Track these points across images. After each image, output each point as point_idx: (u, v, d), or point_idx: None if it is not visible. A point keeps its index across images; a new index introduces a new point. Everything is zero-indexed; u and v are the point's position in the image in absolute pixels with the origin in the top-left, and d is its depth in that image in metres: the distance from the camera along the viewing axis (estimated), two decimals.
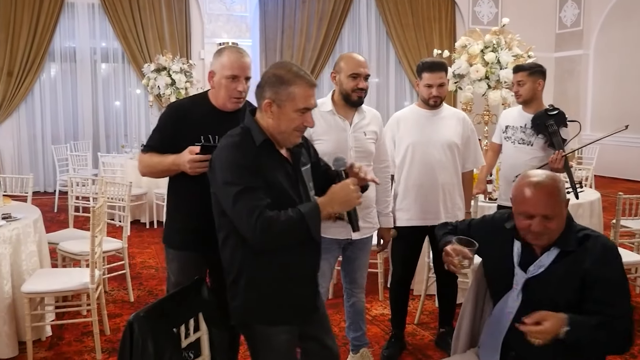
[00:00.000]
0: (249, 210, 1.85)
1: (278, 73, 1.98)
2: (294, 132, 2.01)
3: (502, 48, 5.02)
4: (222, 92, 2.50)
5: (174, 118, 2.56)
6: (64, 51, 9.57)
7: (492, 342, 2.12)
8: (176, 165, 2.46)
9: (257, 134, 2.00)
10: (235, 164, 1.92)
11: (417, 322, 4.02)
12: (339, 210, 1.98)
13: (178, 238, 2.66)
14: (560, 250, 2.04)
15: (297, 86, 1.96)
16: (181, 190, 2.60)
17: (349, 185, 1.97)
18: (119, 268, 4.61)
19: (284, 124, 1.98)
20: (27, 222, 3.68)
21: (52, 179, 9.33)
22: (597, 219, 4.51)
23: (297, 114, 1.97)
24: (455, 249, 2.09)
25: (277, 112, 1.98)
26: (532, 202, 1.98)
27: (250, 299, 2.01)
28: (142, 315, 1.66)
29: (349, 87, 2.92)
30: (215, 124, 2.50)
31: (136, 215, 7.22)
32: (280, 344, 2.05)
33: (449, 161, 3.33)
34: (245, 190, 1.87)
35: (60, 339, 3.74)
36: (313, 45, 10.61)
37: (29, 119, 9.47)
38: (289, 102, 1.96)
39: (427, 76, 3.30)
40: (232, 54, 2.49)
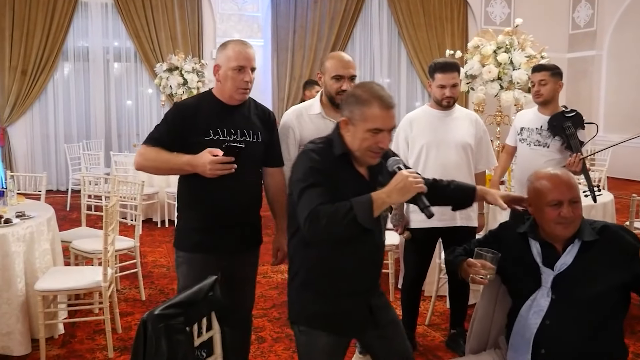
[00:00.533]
0: (307, 202, 1.91)
1: (356, 93, 2.03)
2: (368, 152, 2.02)
3: (515, 48, 5.00)
4: (228, 84, 2.50)
5: (183, 114, 2.51)
6: (77, 50, 9.64)
7: (522, 342, 2.12)
8: (191, 166, 2.40)
9: (337, 146, 2.06)
10: (310, 165, 1.99)
11: (428, 323, 4.01)
12: (399, 199, 1.94)
13: (190, 239, 2.60)
14: (582, 243, 2.07)
15: (371, 106, 1.98)
16: (196, 189, 2.53)
17: (403, 173, 1.93)
18: (130, 267, 4.64)
19: (357, 142, 2.01)
20: (40, 220, 3.71)
21: (64, 177, 9.41)
22: (610, 220, 4.48)
23: (369, 134, 1.99)
24: (483, 263, 2.10)
25: (352, 130, 2.02)
26: (559, 190, 2.05)
27: (300, 299, 2.11)
28: (156, 313, 1.66)
29: (332, 89, 2.84)
30: (222, 117, 2.52)
31: (148, 214, 7.26)
32: (325, 349, 2.10)
33: (463, 162, 3.32)
34: (310, 185, 1.94)
35: (73, 336, 3.76)
36: (325, 45, 10.61)
37: (42, 117, 9.55)
38: (362, 122, 1.99)
39: (440, 77, 3.29)
40: (236, 46, 2.50)
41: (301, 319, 2.12)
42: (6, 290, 3.35)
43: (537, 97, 3.78)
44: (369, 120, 1.97)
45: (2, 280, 3.34)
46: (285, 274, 5.13)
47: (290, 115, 2.97)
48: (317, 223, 1.88)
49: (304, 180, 1.95)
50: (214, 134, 2.48)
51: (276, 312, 4.21)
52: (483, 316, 2.34)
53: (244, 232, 2.66)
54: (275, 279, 5.00)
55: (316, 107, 2.94)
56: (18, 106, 9.19)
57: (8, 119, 9.18)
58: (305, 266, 2.08)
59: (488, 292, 2.34)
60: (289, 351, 3.57)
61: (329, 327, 2.09)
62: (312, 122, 2.90)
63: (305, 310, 2.11)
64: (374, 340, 2.23)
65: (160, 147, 2.46)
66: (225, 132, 2.50)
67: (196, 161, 2.38)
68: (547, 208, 2.06)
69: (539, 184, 2.10)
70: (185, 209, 2.64)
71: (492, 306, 2.34)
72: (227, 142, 2.46)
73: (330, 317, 2.08)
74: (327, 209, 1.88)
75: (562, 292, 2.06)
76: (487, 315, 2.34)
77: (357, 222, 1.87)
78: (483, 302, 2.36)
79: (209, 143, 2.44)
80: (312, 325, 2.10)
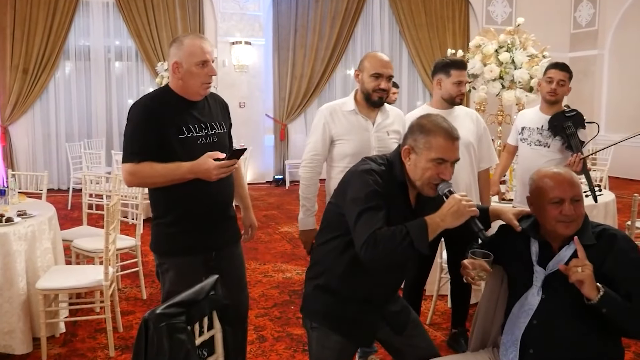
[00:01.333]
0: (366, 226, 1.93)
1: (421, 122, 2.06)
2: (428, 183, 2.04)
3: (517, 48, 4.99)
4: (193, 80, 2.43)
5: (150, 117, 2.40)
6: (79, 49, 9.64)
7: (511, 339, 2.13)
8: (194, 174, 2.35)
9: (399, 173, 2.09)
10: (370, 186, 2.00)
11: (429, 323, 4.01)
12: (452, 223, 1.96)
13: (176, 244, 2.49)
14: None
15: (436, 136, 2.00)
16: (178, 192, 2.42)
17: (456, 197, 1.97)
18: (131, 266, 4.64)
19: (419, 172, 2.03)
20: (42, 219, 3.71)
21: (65, 176, 9.42)
22: (612, 220, 4.47)
23: (431, 164, 2.00)
24: (472, 263, 2.11)
25: (414, 159, 2.04)
26: (560, 187, 2.04)
27: (318, 298, 2.17)
28: (158, 312, 1.66)
29: (370, 86, 2.91)
30: (190, 113, 2.47)
31: (148, 212, 7.20)
32: (335, 347, 2.16)
33: (466, 161, 3.32)
34: (369, 208, 1.96)
35: (74, 335, 3.76)
36: (326, 44, 10.60)
37: (44, 116, 9.56)
38: (426, 151, 2.01)
39: (457, 73, 3.27)
40: (196, 40, 2.44)
41: (316, 316, 2.18)
42: (7, 289, 3.35)
43: (552, 96, 3.72)
44: (433, 149, 2.00)
45: (4, 279, 3.34)
46: (285, 273, 5.14)
47: (324, 111, 3.04)
48: (375, 248, 1.90)
49: (366, 202, 1.96)
50: (187, 131, 2.43)
51: (277, 312, 4.21)
52: (485, 315, 2.35)
53: (229, 224, 2.66)
54: (276, 278, 5.00)
55: (350, 104, 3.00)
56: (19, 105, 9.20)
57: (9, 118, 9.18)
58: (332, 272, 2.13)
59: (490, 291, 2.35)
60: (290, 350, 3.57)
61: (340, 330, 2.15)
62: (345, 118, 2.95)
63: (321, 309, 2.16)
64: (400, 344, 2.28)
65: (148, 161, 2.37)
66: (197, 128, 2.46)
67: (199, 168, 2.34)
68: (548, 206, 2.05)
69: (541, 182, 2.09)
70: (165, 213, 2.51)
71: (494, 305, 2.34)
72: (201, 137, 2.46)
73: (345, 323, 2.15)
74: (384, 234, 1.91)
75: (552, 292, 2.06)
76: (488, 313, 2.35)
77: (413, 248, 1.90)
78: (485, 301, 2.36)
79: (183, 140, 2.41)
80: (326, 324, 2.15)
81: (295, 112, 10.69)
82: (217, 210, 2.56)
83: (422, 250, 1.92)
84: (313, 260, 2.25)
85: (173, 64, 2.43)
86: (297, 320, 3.98)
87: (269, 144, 10.71)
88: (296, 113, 10.71)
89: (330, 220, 2.17)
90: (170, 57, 2.47)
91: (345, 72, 11.18)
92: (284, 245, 6.15)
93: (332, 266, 2.14)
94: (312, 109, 10.85)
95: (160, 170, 2.36)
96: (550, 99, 3.75)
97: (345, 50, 10.89)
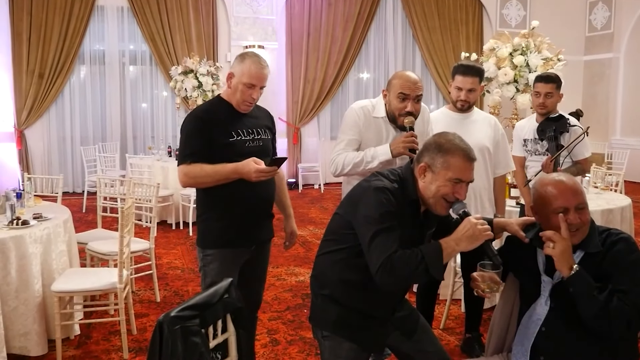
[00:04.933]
0: (382, 249, 1.93)
1: (439, 141, 2.05)
2: (441, 200, 2.04)
3: (532, 51, 4.97)
4: (237, 95, 2.67)
5: (205, 122, 2.64)
6: (94, 54, 9.73)
7: (522, 350, 2.13)
8: (237, 174, 2.55)
9: (411, 191, 2.08)
10: (385, 206, 1.99)
11: (443, 327, 3.99)
12: (468, 247, 1.97)
13: (222, 236, 2.71)
14: (585, 253, 2.03)
15: (454, 156, 2.01)
16: (223, 190, 2.63)
17: (471, 220, 1.97)
18: (145, 268, 4.66)
19: (434, 189, 2.03)
20: (57, 222, 3.74)
21: (80, 179, 9.49)
22: (628, 225, 4.42)
23: (448, 183, 2.01)
24: (482, 275, 2.10)
25: (430, 177, 2.04)
26: (564, 196, 2.01)
27: (327, 308, 2.15)
28: (172, 315, 1.67)
29: (396, 108, 2.77)
30: (239, 119, 2.71)
31: (162, 216, 7.29)
32: (349, 353, 2.15)
33: (481, 165, 3.29)
34: (384, 230, 1.95)
35: (88, 337, 3.79)
36: (339, 47, 10.61)
37: (59, 120, 9.64)
38: (444, 170, 2.01)
39: (459, 79, 3.29)
40: (254, 64, 2.65)
41: (326, 325, 2.17)
42: (23, 291, 3.38)
43: (542, 109, 3.78)
44: (451, 169, 2.00)
45: (20, 281, 3.37)
46: (298, 276, 5.14)
47: (359, 112, 2.92)
48: (390, 274, 1.91)
49: (380, 223, 1.95)
50: (237, 135, 2.67)
51: (290, 315, 4.21)
52: (501, 319, 2.34)
53: (267, 222, 2.88)
54: (289, 282, 5.00)
55: (381, 111, 2.89)
56: (35, 109, 9.29)
57: (25, 122, 9.28)
58: (341, 284, 2.13)
59: (505, 298, 2.33)
60: (303, 354, 3.56)
61: (352, 338, 2.15)
62: (375, 124, 2.88)
63: (331, 318, 2.15)
64: (409, 349, 2.28)
65: (199, 162, 2.60)
66: (245, 132, 2.70)
67: (242, 169, 2.54)
68: (553, 215, 2.02)
69: (544, 191, 2.05)
70: (212, 209, 2.74)
71: (509, 311, 2.33)
72: (248, 141, 2.70)
73: (355, 331, 2.14)
74: (400, 259, 1.91)
75: (560, 302, 2.04)
76: (504, 319, 2.33)
77: (427, 273, 1.92)
78: (500, 307, 2.35)
79: (233, 143, 2.65)
80: (337, 332, 2.15)
81: (308, 115, 10.70)
82: (259, 208, 2.80)
83: (436, 276, 1.94)
84: (317, 270, 2.22)
85: (229, 73, 2.70)
86: None
87: (281, 147, 10.72)
88: (309, 117, 10.72)
89: (336, 232, 2.15)
90: (231, 66, 2.73)
91: (358, 75, 11.18)
92: (297, 249, 6.15)
93: (336, 278, 2.13)
94: (325, 112, 10.84)
95: (208, 170, 2.59)
96: (541, 111, 3.82)
97: (358, 54, 10.89)
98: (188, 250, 6.09)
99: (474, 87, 3.28)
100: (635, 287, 1.91)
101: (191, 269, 5.38)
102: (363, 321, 2.15)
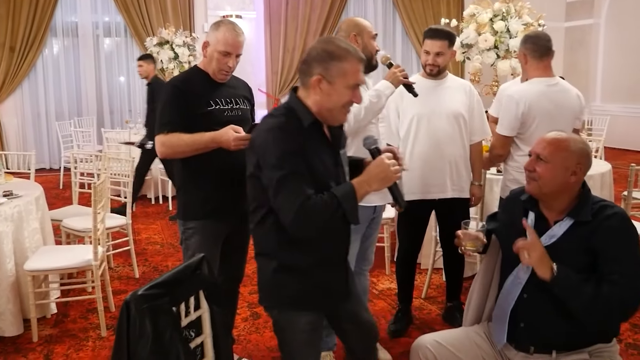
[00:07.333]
0: (291, 198, 1.80)
1: (328, 49, 1.91)
2: (342, 109, 1.95)
3: (512, 16, 4.88)
4: (213, 63, 2.64)
5: (182, 91, 2.60)
6: (66, 26, 9.47)
7: (501, 314, 2.11)
8: (216, 143, 2.51)
9: (304, 115, 1.93)
10: (282, 147, 1.84)
11: (425, 297, 3.98)
12: (378, 188, 1.90)
13: (203, 207, 2.68)
14: (574, 221, 2.01)
15: (349, 62, 1.90)
16: (201, 160, 2.60)
17: (384, 160, 1.88)
18: (123, 244, 4.58)
19: (334, 100, 1.92)
20: (28, 199, 3.64)
21: (57, 155, 9.31)
22: (608, 190, 4.43)
23: (347, 90, 1.91)
24: (466, 233, 2.09)
25: (327, 88, 1.91)
26: (539, 143, 2.07)
27: (279, 282, 1.99)
28: (140, 294, 1.61)
29: (373, 48, 2.81)
30: (216, 89, 2.68)
31: (142, 190, 7.19)
32: (306, 328, 2.03)
33: (456, 132, 3.24)
34: (289, 176, 1.82)
35: (66, 316, 3.72)
36: (318, 15, 10.43)
37: (32, 95, 9.42)
38: (341, 78, 1.90)
39: (428, 43, 3.22)
40: (228, 31, 2.61)
41: (281, 302, 2.03)
42: None
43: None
44: (349, 75, 1.90)
45: None
46: None
47: None
48: (306, 225, 1.83)
49: (280, 168, 1.82)
50: (215, 104, 2.64)
51: None
52: (480, 289, 2.31)
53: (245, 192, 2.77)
54: None
55: None
56: (7, 84, 9.04)
57: None
58: (281, 249, 1.97)
59: (485, 266, 2.31)
60: None
61: (310, 304, 2.03)
62: None
63: (285, 292, 2.00)
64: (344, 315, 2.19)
65: (177, 131, 2.56)
66: (223, 102, 2.67)
67: (220, 137, 2.50)
68: None
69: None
70: (190, 181, 2.71)
71: (489, 280, 2.31)
72: (227, 110, 2.66)
73: (312, 294, 2.01)
74: (314, 207, 1.80)
75: None
76: (484, 287, 2.31)
77: (345, 219, 1.86)
78: (480, 276, 2.33)
79: (211, 112, 2.61)
80: (293, 306, 2.02)
81: (288, 86, 10.55)
82: (239, 177, 2.65)
83: (352, 221, 1.88)
84: (257, 248, 2.05)
85: (204, 42, 2.67)
86: None
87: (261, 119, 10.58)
88: (289, 87, 10.58)
89: (256, 197, 1.98)
90: (206, 35, 2.70)
91: None
92: None
93: (278, 244, 1.96)
94: None
95: (186, 139, 2.54)
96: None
97: (338, 22, 10.71)
98: (168, 225, 6.01)
99: (442, 51, 3.19)
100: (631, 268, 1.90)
101: (171, 243, 5.31)
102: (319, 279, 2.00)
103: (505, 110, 3.14)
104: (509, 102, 3.11)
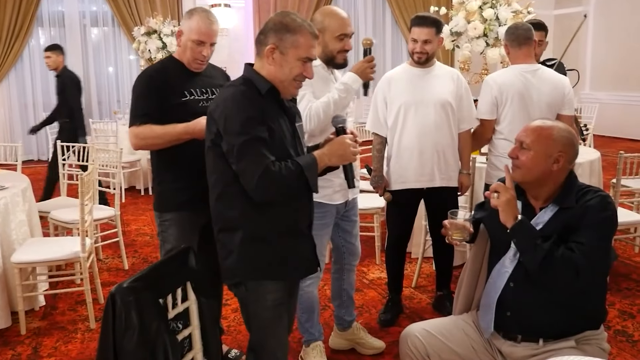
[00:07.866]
0: (255, 161, 1.85)
1: (284, 21, 1.98)
2: (293, 82, 2.00)
3: (501, 4, 4.88)
4: (187, 53, 2.60)
5: (156, 83, 2.56)
6: (52, 15, 9.36)
7: (488, 302, 2.11)
8: (189, 134, 2.49)
9: (261, 83, 1.99)
10: (244, 113, 1.89)
11: (415, 286, 3.99)
12: (336, 163, 2.02)
13: (177, 198, 2.65)
14: (559, 208, 2.02)
15: (302, 35, 1.96)
16: (176, 151, 2.57)
17: (346, 139, 1.99)
18: (113, 236, 4.56)
19: (285, 71, 1.98)
20: (15, 191, 3.60)
21: (45, 147, 9.22)
22: (597, 178, 4.44)
23: (299, 63, 1.97)
24: (452, 223, 2.11)
25: (279, 59, 1.97)
26: (524, 130, 2.08)
27: (246, 255, 1.99)
28: (125, 286, 1.59)
29: (335, 48, 2.69)
30: (192, 78, 2.64)
31: (131, 181, 7.16)
32: (274, 300, 2.03)
33: (443, 121, 3.22)
34: (253, 141, 1.86)
35: (54, 308, 3.70)
36: (307, 4, 10.36)
37: (19, 86, 9.33)
38: (293, 50, 1.96)
39: (415, 30, 3.17)
40: (202, 20, 2.58)
41: (250, 275, 2.01)
42: None
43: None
44: (301, 48, 1.96)
45: None
46: None
47: None
48: (270, 188, 1.88)
49: (244, 133, 1.85)
50: (189, 95, 2.60)
51: None
52: (469, 277, 2.31)
53: None
54: None
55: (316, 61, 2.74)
56: None
57: None
58: (246, 219, 1.97)
59: (474, 255, 2.30)
60: None
61: (280, 273, 2.03)
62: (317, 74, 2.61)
63: (254, 265, 1.99)
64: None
65: (149, 123, 2.52)
66: (198, 92, 2.62)
67: (193, 128, 2.48)
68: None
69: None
70: (164, 172, 2.69)
71: (478, 268, 2.30)
72: (202, 100, 2.60)
73: (282, 263, 2.02)
74: (277, 173, 1.86)
75: None
76: (473, 276, 2.31)
77: (307, 187, 1.94)
78: (469, 265, 2.32)
79: (186, 103, 2.57)
80: (263, 277, 2.01)
81: None
82: None
83: (314, 189, 1.97)
84: (219, 224, 2.03)
85: (178, 30, 2.64)
86: None
87: None
88: None
89: (216, 169, 1.99)
90: (181, 23, 2.67)
91: None
92: None
93: (242, 215, 1.96)
94: None
95: (158, 131, 2.52)
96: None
97: None
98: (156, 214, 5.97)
99: (429, 39, 3.15)
100: (594, 241, 1.90)
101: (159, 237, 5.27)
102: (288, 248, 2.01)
103: (481, 94, 3.33)
104: (485, 87, 3.33)
